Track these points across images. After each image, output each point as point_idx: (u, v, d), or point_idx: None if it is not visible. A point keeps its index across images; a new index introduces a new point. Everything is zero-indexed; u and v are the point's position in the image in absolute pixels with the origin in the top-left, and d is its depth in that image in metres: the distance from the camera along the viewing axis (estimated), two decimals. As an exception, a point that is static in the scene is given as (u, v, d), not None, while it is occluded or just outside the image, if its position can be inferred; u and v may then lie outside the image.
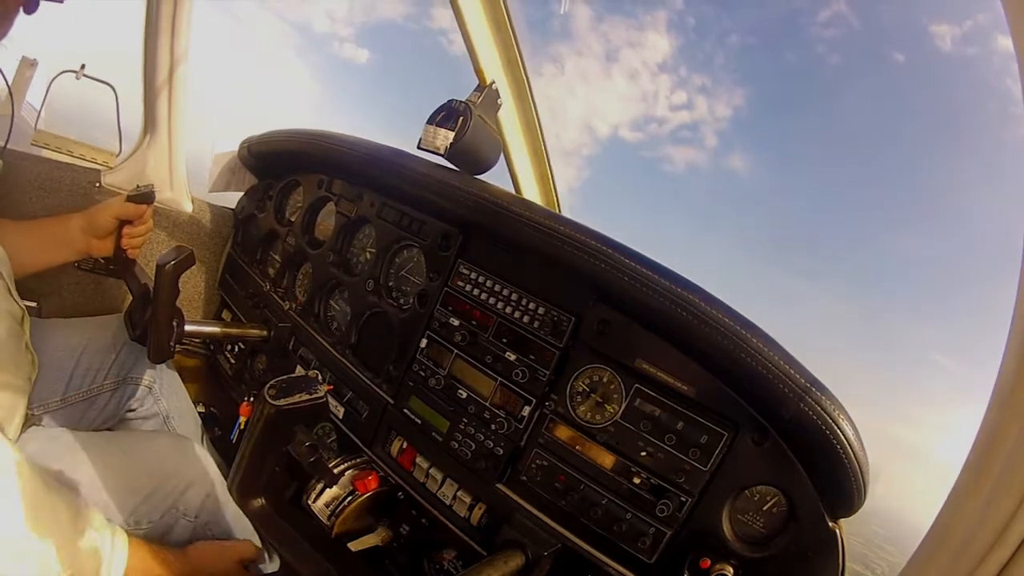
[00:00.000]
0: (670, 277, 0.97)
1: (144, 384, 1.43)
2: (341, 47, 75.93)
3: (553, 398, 1.11)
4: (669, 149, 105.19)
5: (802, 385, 0.85)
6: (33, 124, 2.59)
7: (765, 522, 0.94)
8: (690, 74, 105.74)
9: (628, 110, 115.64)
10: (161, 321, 1.23)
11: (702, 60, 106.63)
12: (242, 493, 0.77)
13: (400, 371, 1.30)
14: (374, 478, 1.25)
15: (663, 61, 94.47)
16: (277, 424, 0.74)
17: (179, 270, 1.20)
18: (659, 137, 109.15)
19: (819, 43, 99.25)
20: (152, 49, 1.58)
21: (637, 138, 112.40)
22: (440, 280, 1.27)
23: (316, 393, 0.74)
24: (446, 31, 28.75)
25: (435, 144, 1.20)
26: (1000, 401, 0.50)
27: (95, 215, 1.31)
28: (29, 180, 1.58)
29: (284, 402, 0.72)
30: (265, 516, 0.77)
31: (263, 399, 0.72)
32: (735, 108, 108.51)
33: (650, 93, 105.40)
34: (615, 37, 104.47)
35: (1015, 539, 0.47)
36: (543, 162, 1.71)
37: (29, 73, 2.83)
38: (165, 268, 1.18)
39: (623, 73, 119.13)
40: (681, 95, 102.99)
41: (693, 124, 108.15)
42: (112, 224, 1.32)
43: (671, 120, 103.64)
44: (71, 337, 1.35)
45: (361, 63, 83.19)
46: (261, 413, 0.73)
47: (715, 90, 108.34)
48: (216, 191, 1.92)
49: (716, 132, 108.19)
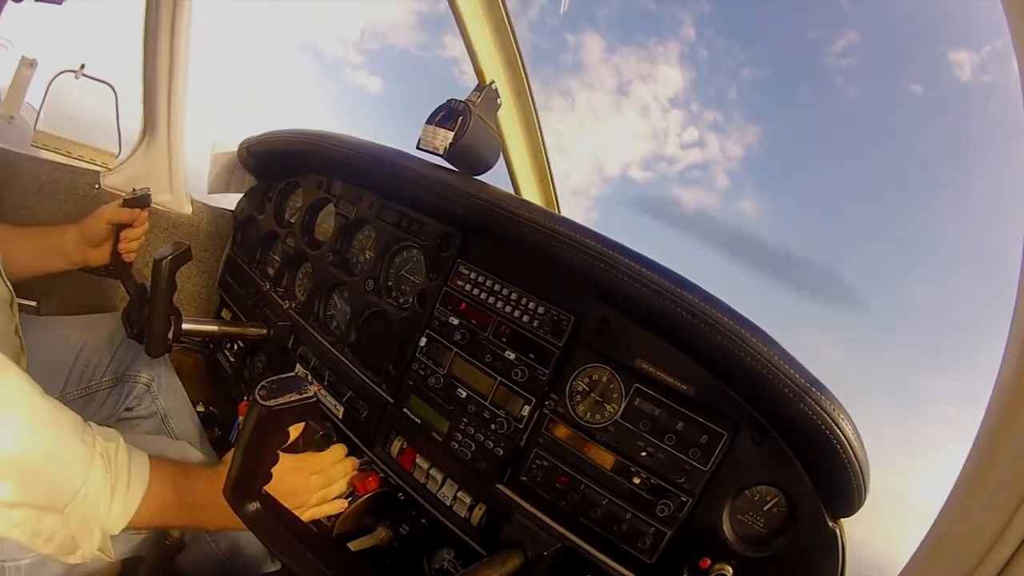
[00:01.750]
0: (670, 277, 0.97)
1: (142, 382, 1.43)
2: (354, 74, 77.25)
3: (553, 398, 1.11)
4: (678, 190, 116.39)
5: (802, 385, 0.85)
6: (33, 125, 2.58)
7: (765, 522, 0.94)
8: (702, 110, 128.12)
9: (638, 148, 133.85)
10: (159, 314, 1.23)
11: (714, 95, 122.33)
12: (236, 497, 0.76)
13: (400, 370, 1.29)
14: (374, 479, 1.25)
15: (675, 96, 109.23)
16: (268, 425, 0.73)
17: (176, 264, 1.20)
18: (668, 177, 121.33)
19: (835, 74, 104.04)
20: (152, 49, 1.58)
21: (647, 177, 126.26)
22: (440, 280, 1.27)
23: (305, 393, 0.74)
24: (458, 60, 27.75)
25: (434, 144, 1.20)
26: (1000, 401, 0.50)
27: (89, 224, 1.32)
28: (29, 181, 1.59)
29: (274, 402, 0.71)
30: (260, 520, 0.77)
31: (254, 400, 0.72)
32: (747, 147, 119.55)
33: (660, 130, 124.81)
34: (626, 70, 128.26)
35: (1015, 539, 0.47)
36: (543, 162, 1.71)
37: (29, 73, 2.83)
38: (162, 262, 1.18)
39: (634, 107, 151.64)
40: (692, 132, 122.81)
41: (704, 164, 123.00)
42: (107, 230, 1.33)
43: (681, 159, 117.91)
44: (69, 334, 1.35)
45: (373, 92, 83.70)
46: (252, 414, 0.72)
47: (727, 127, 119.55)
48: (215, 192, 1.92)
49: (727, 172, 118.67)
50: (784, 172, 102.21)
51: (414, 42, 67.42)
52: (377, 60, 68.30)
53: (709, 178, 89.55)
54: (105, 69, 2.19)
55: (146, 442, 1.26)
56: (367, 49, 65.86)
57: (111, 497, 0.79)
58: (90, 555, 0.79)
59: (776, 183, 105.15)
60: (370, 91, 72.86)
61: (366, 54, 66.57)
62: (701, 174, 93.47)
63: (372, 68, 69.27)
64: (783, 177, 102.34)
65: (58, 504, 0.74)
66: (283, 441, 0.78)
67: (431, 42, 64.56)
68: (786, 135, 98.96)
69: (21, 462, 0.71)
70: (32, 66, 2.79)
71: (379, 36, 65.05)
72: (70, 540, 0.76)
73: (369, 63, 67.11)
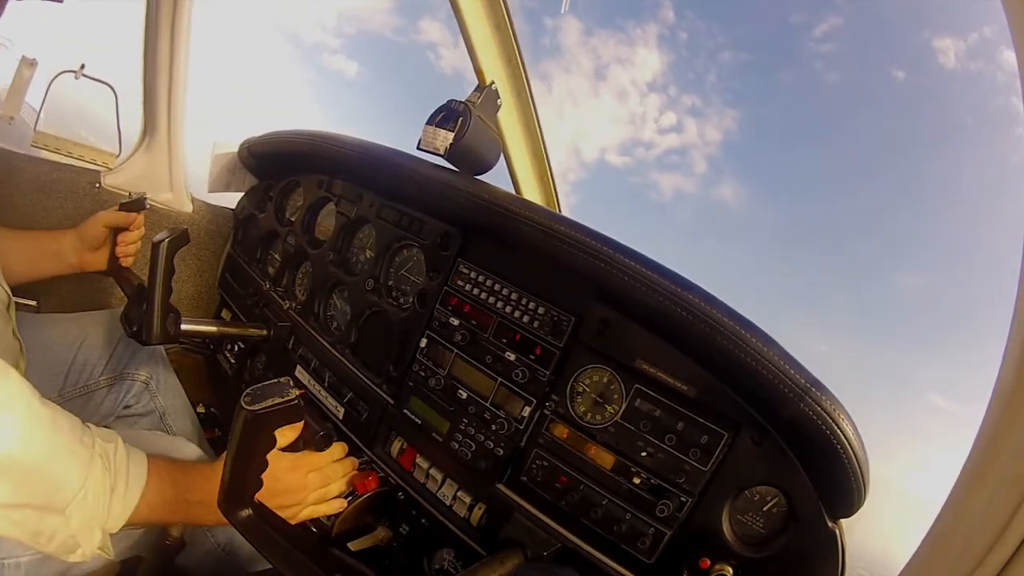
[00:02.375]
0: (670, 277, 0.97)
1: (140, 380, 1.43)
2: (331, 59, 76.88)
3: (553, 398, 1.11)
4: (656, 175, 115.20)
5: (802, 385, 0.85)
6: (33, 125, 2.58)
7: (765, 522, 0.94)
8: (680, 94, 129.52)
9: (616, 133, 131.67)
10: (157, 300, 1.22)
11: (693, 79, 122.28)
12: (228, 503, 0.77)
13: (400, 371, 1.29)
14: (374, 479, 1.25)
15: (653, 80, 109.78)
16: (254, 429, 0.74)
17: (174, 246, 1.20)
18: (646, 162, 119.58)
19: (816, 59, 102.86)
20: (152, 49, 1.58)
21: (625, 163, 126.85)
22: (440, 279, 1.27)
23: (288, 396, 0.75)
24: (434, 45, 27.15)
25: (435, 145, 1.20)
26: (1000, 401, 0.51)
27: (86, 228, 1.34)
28: (29, 181, 1.59)
29: (258, 406, 0.73)
30: (253, 526, 0.77)
31: (240, 406, 0.73)
32: (726, 131, 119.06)
33: (638, 115, 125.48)
34: (604, 53, 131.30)
35: (1015, 539, 0.47)
36: (543, 162, 1.71)
37: (29, 73, 2.82)
38: (160, 244, 1.18)
39: (611, 92, 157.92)
40: (670, 116, 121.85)
41: (682, 149, 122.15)
42: (104, 234, 1.34)
43: (659, 144, 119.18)
44: (68, 332, 1.36)
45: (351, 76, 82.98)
46: (238, 420, 0.73)
47: (706, 111, 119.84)
48: (215, 191, 1.93)
49: (705, 157, 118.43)
50: (764, 157, 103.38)
51: (390, 27, 67.60)
52: (354, 44, 68.96)
53: (687, 163, 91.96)
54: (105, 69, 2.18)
55: (145, 439, 1.26)
56: (344, 33, 66.33)
57: (110, 496, 0.80)
58: (90, 554, 0.80)
59: (756, 168, 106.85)
60: (348, 76, 73.54)
61: (343, 37, 66.99)
62: (679, 159, 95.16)
63: (349, 52, 70.27)
64: (763, 162, 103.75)
65: (59, 505, 0.75)
66: (271, 445, 0.78)
67: (407, 27, 64.87)
68: (766, 120, 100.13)
69: (22, 465, 0.71)
70: (32, 66, 2.78)
71: (355, 20, 65.57)
72: (71, 540, 0.77)
73: (346, 47, 67.92)
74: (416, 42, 68.02)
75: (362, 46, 74.44)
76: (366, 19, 66.61)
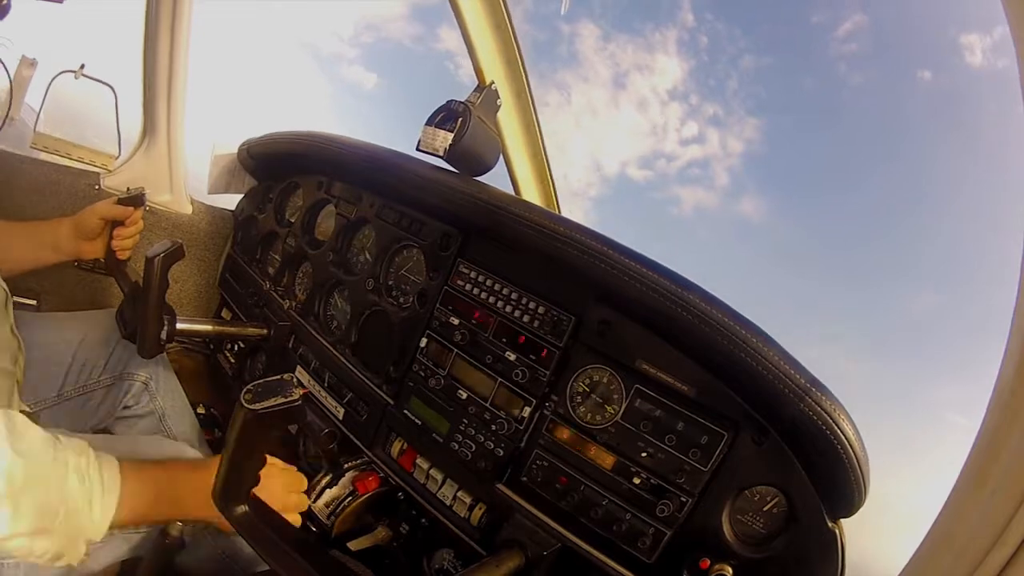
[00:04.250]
0: (670, 277, 0.97)
1: (140, 381, 1.43)
2: (349, 69, 69.53)
3: (553, 399, 1.11)
4: (677, 189, 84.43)
5: (802, 385, 0.85)
6: (32, 126, 2.58)
7: (765, 522, 0.94)
8: (702, 103, 79.94)
9: (636, 145, 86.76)
10: (150, 314, 1.22)
11: (714, 86, 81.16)
12: (224, 500, 0.76)
13: (400, 371, 1.29)
14: (374, 479, 1.25)
15: (673, 87, 72.58)
16: (254, 429, 0.73)
17: (168, 262, 1.19)
18: (668, 175, 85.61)
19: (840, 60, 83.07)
20: (152, 49, 1.58)
21: (645, 176, 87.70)
22: (440, 279, 1.27)
23: (291, 396, 0.74)
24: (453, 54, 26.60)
25: (434, 146, 1.20)
26: (1000, 401, 0.51)
27: (82, 218, 1.33)
28: (29, 183, 1.59)
29: (260, 406, 0.71)
30: (249, 524, 0.77)
31: (240, 404, 0.72)
32: (748, 142, 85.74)
33: (659, 126, 79.40)
34: (623, 59, 65.43)
35: (1015, 539, 0.47)
36: (542, 163, 1.71)
37: (29, 73, 2.81)
38: (154, 260, 1.17)
39: (631, 101, 78.96)
40: (692, 127, 79.48)
41: (704, 160, 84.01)
42: (100, 225, 1.33)
43: (681, 156, 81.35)
44: (68, 331, 1.35)
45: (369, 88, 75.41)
46: (237, 418, 0.72)
47: (727, 120, 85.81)
48: (215, 193, 1.92)
49: (727, 169, 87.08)
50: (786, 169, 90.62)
51: (409, 35, 62.68)
52: (372, 54, 64.43)
53: (709, 176, 79.85)
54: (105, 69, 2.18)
55: (143, 442, 1.27)
56: (362, 43, 62.35)
57: (90, 508, 0.82)
58: (76, 562, 0.83)
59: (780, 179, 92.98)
60: (366, 88, 68.92)
61: (361, 47, 62.99)
62: (700, 171, 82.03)
63: (367, 63, 65.54)
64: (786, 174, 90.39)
65: (46, 526, 0.77)
66: (270, 445, 0.78)
67: (425, 35, 60.39)
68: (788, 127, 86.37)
69: (6, 498, 0.72)
70: (32, 66, 2.78)
71: (373, 28, 61.36)
72: (60, 553, 0.80)
73: (364, 57, 63.60)
74: (435, 51, 61.91)
75: (380, 56, 68.30)
76: (384, 27, 61.20)
